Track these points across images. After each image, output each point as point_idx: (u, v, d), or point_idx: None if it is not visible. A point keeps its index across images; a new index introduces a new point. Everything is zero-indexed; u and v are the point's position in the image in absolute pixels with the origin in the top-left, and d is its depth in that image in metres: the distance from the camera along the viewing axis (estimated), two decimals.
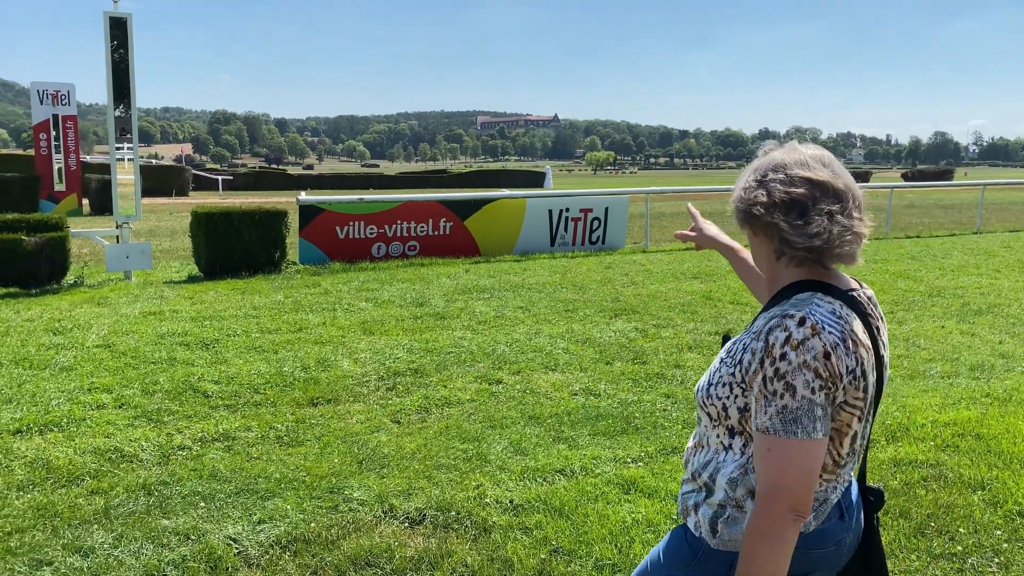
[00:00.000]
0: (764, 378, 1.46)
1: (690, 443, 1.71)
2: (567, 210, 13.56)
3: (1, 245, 9.51)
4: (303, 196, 12.16)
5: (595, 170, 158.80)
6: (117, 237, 10.81)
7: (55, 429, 4.71)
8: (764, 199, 1.50)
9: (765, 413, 1.45)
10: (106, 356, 6.32)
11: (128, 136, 10.77)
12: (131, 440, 4.50)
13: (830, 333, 1.44)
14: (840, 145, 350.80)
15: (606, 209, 13.73)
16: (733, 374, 1.54)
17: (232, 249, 10.71)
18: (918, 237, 15.85)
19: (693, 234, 2.15)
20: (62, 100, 22.17)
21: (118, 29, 10.01)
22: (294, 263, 11.59)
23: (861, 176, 57.51)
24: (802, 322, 1.44)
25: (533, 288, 9.61)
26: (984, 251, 13.27)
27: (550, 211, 13.45)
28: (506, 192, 14.11)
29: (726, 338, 1.69)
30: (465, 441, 4.55)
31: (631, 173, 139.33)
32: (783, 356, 1.43)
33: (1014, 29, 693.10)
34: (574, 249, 13.54)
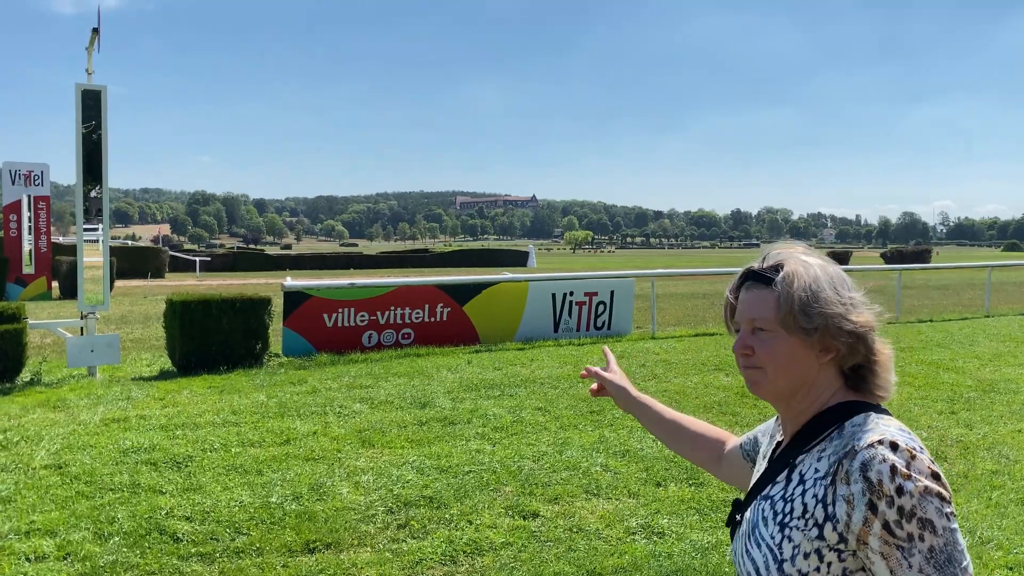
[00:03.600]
0: (886, 525, 1.19)
1: None
2: (571, 293, 12.72)
3: None
4: (288, 281, 11.22)
5: (574, 249, 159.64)
6: (82, 328, 9.76)
7: None
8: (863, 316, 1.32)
9: (911, 567, 1.19)
10: (55, 481, 5.24)
11: (100, 216, 9.85)
12: None
13: (921, 450, 1.24)
14: (811, 225, 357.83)
15: (611, 292, 12.90)
16: (818, 536, 1.23)
17: (209, 341, 9.68)
18: (931, 321, 15.15)
19: (607, 375, 1.88)
20: (35, 180, 21.31)
21: (92, 102, 9.20)
22: (277, 355, 10.56)
23: (841, 256, 57.56)
24: (893, 447, 1.22)
25: (546, 383, 8.66)
26: (1008, 336, 12.55)
27: (553, 295, 12.60)
28: (507, 275, 13.29)
29: (738, 503, 1.44)
30: None
31: (609, 252, 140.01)
32: (900, 490, 1.19)
33: (971, 115, 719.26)
34: (579, 335, 12.64)
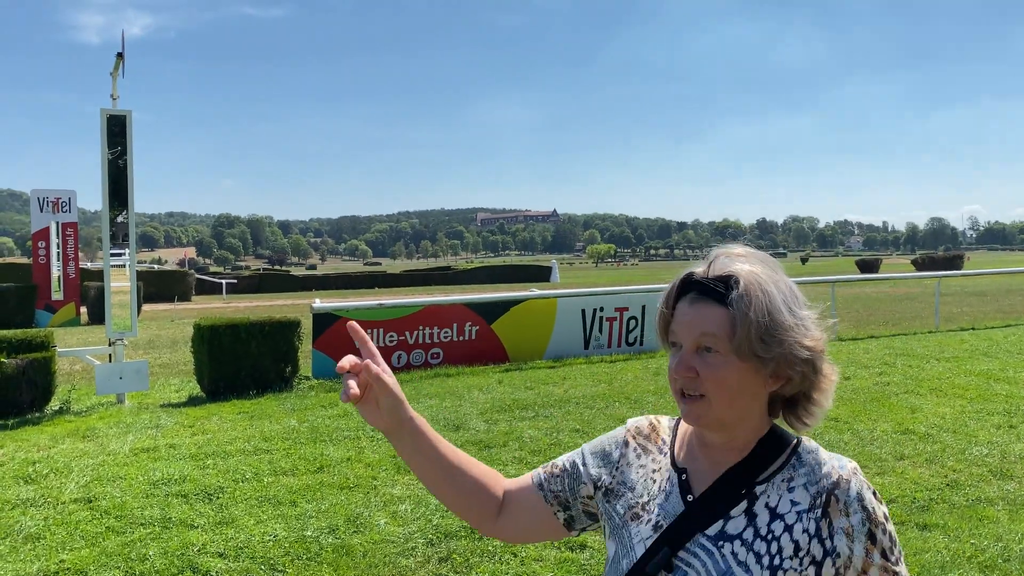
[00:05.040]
0: (883, 553, 1.14)
1: None
2: (601, 309, 12.48)
3: None
4: (317, 303, 11.09)
5: (596, 263, 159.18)
6: (110, 356, 9.67)
7: None
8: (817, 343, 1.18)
9: None
10: (84, 516, 5.08)
11: (126, 241, 9.79)
12: None
13: None
14: (839, 233, 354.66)
15: (643, 307, 12.64)
16: (812, 574, 1.12)
17: (238, 365, 9.56)
18: (973, 329, 14.71)
19: (384, 375, 1.27)
20: (63, 207, 21.48)
21: (117, 127, 9.16)
22: (307, 378, 10.41)
23: (871, 264, 56.76)
24: (855, 471, 1.18)
25: (581, 403, 8.42)
26: None
27: (583, 311, 12.37)
28: (535, 291, 13.08)
29: (659, 541, 1.19)
30: None
31: (632, 265, 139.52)
32: (886, 517, 1.17)
33: (998, 118, 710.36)
34: (611, 352, 12.39)
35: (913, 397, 8.30)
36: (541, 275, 53.61)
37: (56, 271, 21.62)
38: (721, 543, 1.16)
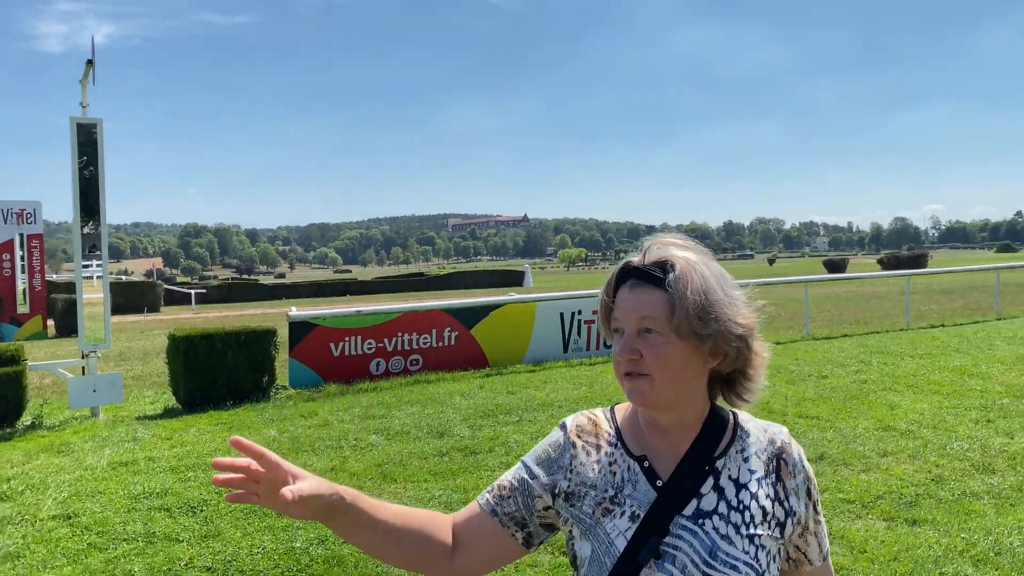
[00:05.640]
0: (815, 505, 1.30)
1: None
2: (579, 312, 12.49)
3: None
4: (293, 311, 10.96)
5: (568, 267, 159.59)
6: (83, 368, 9.47)
7: None
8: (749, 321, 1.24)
9: (824, 536, 1.33)
10: (64, 533, 4.95)
11: (97, 252, 9.60)
12: None
13: None
14: (804, 234, 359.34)
15: None
16: (780, 535, 1.24)
17: (214, 376, 9.41)
18: (943, 326, 14.95)
19: (310, 488, 1.18)
20: (27, 219, 21.07)
21: (87, 137, 8.98)
22: (284, 387, 10.28)
23: (838, 264, 57.53)
24: (789, 434, 1.33)
25: (563, 407, 8.40)
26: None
27: (561, 315, 12.37)
28: (514, 296, 13.05)
29: (643, 530, 1.20)
30: None
31: (603, 268, 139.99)
32: (812, 472, 1.32)
33: (957, 119, 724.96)
34: (589, 354, 12.41)
35: (891, 394, 8.40)
36: (514, 280, 53.56)
37: (21, 283, 21.17)
38: (700, 521, 1.20)
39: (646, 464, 1.26)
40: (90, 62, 8.84)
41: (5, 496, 5.83)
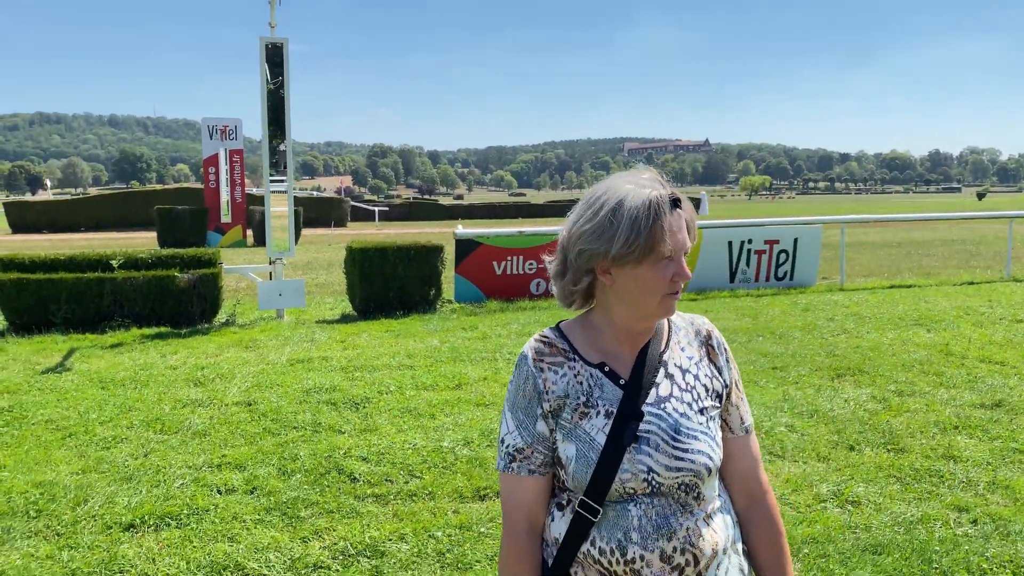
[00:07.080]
0: (737, 383, 1.53)
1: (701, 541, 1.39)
2: (749, 241, 12.03)
3: (155, 282, 9.17)
4: (460, 230, 11.32)
5: (750, 196, 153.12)
6: (270, 274, 10.33)
7: (172, 524, 3.84)
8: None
9: (746, 411, 1.53)
10: (244, 418, 5.52)
11: (285, 169, 10.30)
12: (256, 550, 3.55)
13: None
14: (1022, 167, 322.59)
15: (795, 240, 12.08)
16: (719, 404, 1.48)
17: (387, 287, 9.97)
18: None
19: None
20: (230, 135, 22.82)
21: (275, 55, 9.55)
22: (449, 301, 10.73)
23: None
24: (710, 321, 1.56)
25: (724, 335, 8.20)
26: None
27: (730, 243, 11.97)
28: None
29: (621, 417, 1.39)
30: None
31: (789, 199, 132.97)
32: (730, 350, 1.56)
33: None
34: (757, 286, 11.98)
35: None
36: None
37: (225, 195, 23.15)
38: (662, 405, 1.40)
39: (606, 368, 1.42)
40: None
41: (199, 382, 6.55)
